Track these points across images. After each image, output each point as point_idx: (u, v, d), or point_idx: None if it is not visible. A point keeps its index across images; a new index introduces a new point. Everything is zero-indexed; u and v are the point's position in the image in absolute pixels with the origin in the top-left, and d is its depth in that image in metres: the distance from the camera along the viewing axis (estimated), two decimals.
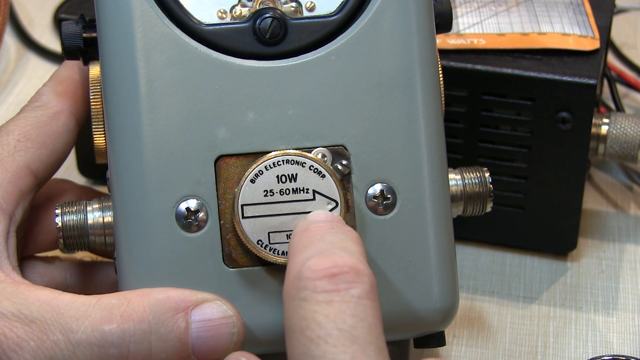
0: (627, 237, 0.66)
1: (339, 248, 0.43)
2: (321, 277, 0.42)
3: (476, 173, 0.52)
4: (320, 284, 0.42)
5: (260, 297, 0.48)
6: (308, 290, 0.42)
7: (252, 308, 0.48)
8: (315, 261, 0.42)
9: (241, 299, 0.47)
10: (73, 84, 0.54)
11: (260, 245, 0.47)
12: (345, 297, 0.42)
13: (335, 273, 0.42)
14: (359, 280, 0.42)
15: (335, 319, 0.41)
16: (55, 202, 0.54)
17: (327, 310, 0.41)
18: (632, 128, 0.63)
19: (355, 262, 0.43)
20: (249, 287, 0.48)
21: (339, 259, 0.42)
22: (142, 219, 0.47)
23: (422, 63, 0.49)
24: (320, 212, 0.46)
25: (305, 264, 0.43)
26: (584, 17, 0.64)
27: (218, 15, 0.49)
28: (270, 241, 0.47)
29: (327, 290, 0.42)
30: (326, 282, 0.42)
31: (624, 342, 0.59)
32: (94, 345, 0.45)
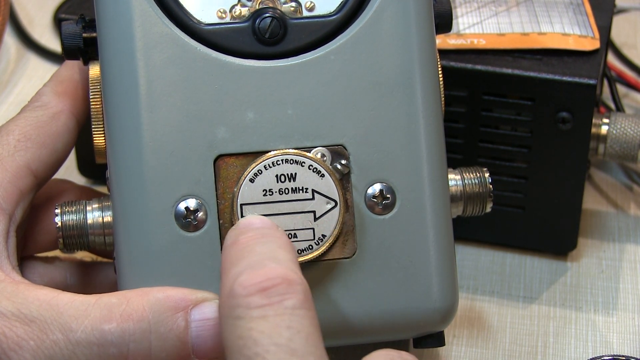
0: (627, 237, 0.66)
1: (268, 259, 0.43)
2: (253, 293, 0.41)
3: (476, 173, 0.52)
4: (253, 299, 0.41)
5: None
6: (241, 307, 0.41)
7: None
8: (246, 277, 0.42)
9: None
10: (73, 84, 0.54)
11: None
12: (278, 310, 0.41)
13: (267, 287, 0.41)
14: (292, 290, 0.42)
15: (271, 334, 0.40)
16: (55, 202, 0.55)
17: (262, 326, 0.41)
18: (632, 128, 0.63)
19: (286, 272, 0.42)
20: None
21: (269, 271, 0.42)
22: (141, 218, 0.47)
23: (422, 63, 0.49)
24: (250, 219, 0.46)
25: (236, 280, 0.42)
26: (584, 17, 0.64)
27: (218, 15, 0.49)
28: None
29: (260, 306, 0.41)
30: (259, 297, 0.41)
31: (624, 342, 0.59)
32: (94, 345, 0.45)
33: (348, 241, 0.48)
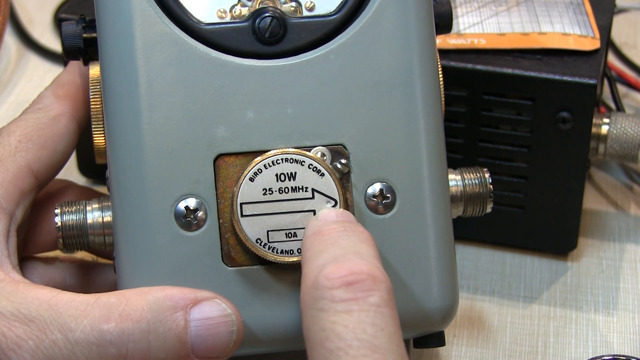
0: (627, 237, 0.66)
1: (353, 253, 0.43)
2: (338, 286, 0.41)
3: (476, 173, 0.52)
4: (338, 293, 0.41)
5: (260, 296, 0.48)
6: (326, 300, 0.41)
7: (251, 307, 0.48)
8: (331, 269, 0.42)
9: (240, 298, 0.47)
10: (74, 88, 0.54)
11: (259, 243, 0.47)
12: (363, 306, 0.41)
13: (352, 281, 0.41)
14: (377, 288, 0.42)
15: (355, 329, 0.40)
16: (55, 202, 0.55)
17: (346, 321, 0.41)
18: (632, 128, 0.63)
19: (372, 269, 0.42)
20: (248, 286, 0.48)
21: (354, 266, 0.42)
22: (141, 217, 0.47)
23: (422, 62, 0.49)
24: (332, 212, 0.46)
25: (321, 272, 0.42)
26: (584, 17, 0.64)
27: (218, 15, 0.49)
28: (269, 240, 0.47)
29: (345, 300, 0.41)
30: (343, 291, 0.41)
31: (624, 342, 0.59)
32: (93, 344, 0.45)
33: None
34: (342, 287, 0.41)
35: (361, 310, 0.41)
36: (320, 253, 0.43)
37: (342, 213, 0.46)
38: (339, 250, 0.43)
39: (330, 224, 0.45)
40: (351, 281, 0.41)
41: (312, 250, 0.44)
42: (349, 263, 0.42)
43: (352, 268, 0.42)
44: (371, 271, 0.42)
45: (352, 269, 0.42)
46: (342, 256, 0.43)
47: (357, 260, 0.42)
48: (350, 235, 0.44)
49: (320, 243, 0.44)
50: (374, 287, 0.42)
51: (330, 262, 0.42)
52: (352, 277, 0.41)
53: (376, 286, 0.42)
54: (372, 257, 0.43)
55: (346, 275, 0.42)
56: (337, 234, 0.44)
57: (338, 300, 0.41)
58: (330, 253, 0.43)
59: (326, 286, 0.42)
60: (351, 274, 0.42)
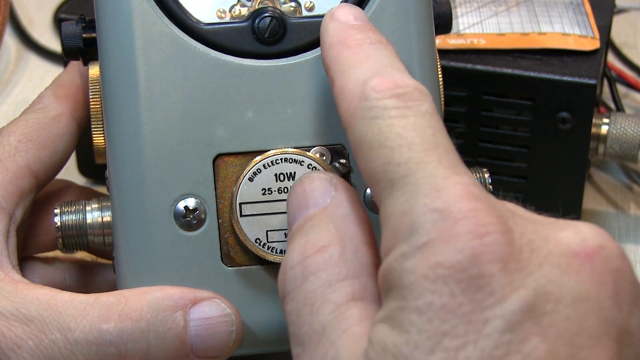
0: (627, 237, 0.66)
1: (392, 68, 0.42)
2: (389, 97, 0.40)
3: (476, 174, 0.52)
4: (390, 102, 0.40)
5: (259, 296, 0.48)
6: (378, 108, 0.40)
7: (251, 307, 0.48)
8: (377, 82, 0.41)
9: (239, 298, 0.47)
10: (74, 88, 0.54)
11: (259, 243, 0.47)
12: (417, 113, 0.40)
13: (401, 93, 0.41)
14: (425, 99, 0.41)
15: (415, 128, 0.40)
16: (54, 202, 0.54)
17: (403, 123, 0.40)
18: (632, 128, 0.63)
19: (416, 83, 0.41)
20: (248, 285, 0.48)
21: (399, 79, 0.41)
22: (140, 217, 0.47)
23: (421, 62, 0.49)
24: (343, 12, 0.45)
25: (366, 85, 0.41)
26: (584, 17, 0.64)
27: (217, 15, 0.49)
28: (268, 240, 0.47)
29: (398, 107, 0.40)
30: (395, 101, 0.40)
31: None
32: (92, 344, 0.45)
33: None
34: (392, 97, 0.41)
35: (415, 115, 0.40)
36: (355, 66, 0.42)
37: (359, 13, 0.45)
38: (376, 65, 0.42)
39: (352, 32, 0.44)
40: (400, 93, 0.41)
41: (344, 63, 0.43)
42: (394, 76, 0.41)
43: (397, 81, 0.41)
44: (416, 85, 0.41)
45: (398, 82, 0.41)
46: (383, 70, 0.42)
47: (400, 75, 0.42)
48: (381, 49, 0.43)
49: (351, 56, 0.43)
50: (422, 98, 0.41)
51: (373, 75, 0.41)
52: (401, 90, 0.41)
53: (424, 97, 0.41)
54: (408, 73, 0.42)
55: (394, 87, 0.41)
56: (368, 47, 0.43)
57: (391, 107, 0.40)
58: (368, 67, 0.42)
59: (376, 97, 0.41)
60: (398, 86, 0.41)
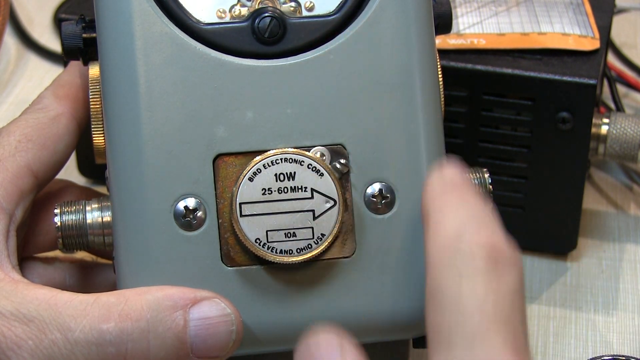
0: (627, 237, 0.66)
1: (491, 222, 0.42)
2: (481, 257, 0.40)
3: (476, 174, 0.52)
4: (481, 263, 0.40)
5: (259, 296, 0.48)
6: (467, 266, 0.40)
7: (251, 307, 0.48)
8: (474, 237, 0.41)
9: (240, 298, 0.47)
10: (74, 88, 0.54)
11: (259, 243, 0.47)
12: (503, 282, 0.40)
13: (495, 256, 0.40)
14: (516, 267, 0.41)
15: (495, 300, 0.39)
16: (54, 202, 0.55)
17: (486, 290, 0.40)
18: (632, 128, 0.63)
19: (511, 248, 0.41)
20: (247, 286, 0.48)
21: (497, 241, 0.41)
22: (140, 217, 0.47)
23: (422, 62, 0.49)
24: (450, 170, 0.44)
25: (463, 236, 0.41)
26: (584, 17, 0.64)
27: (217, 15, 0.49)
28: (268, 240, 0.47)
29: (487, 272, 0.40)
30: (486, 263, 0.40)
31: (624, 342, 0.59)
32: (92, 344, 0.45)
33: (347, 240, 0.48)
34: (484, 258, 0.40)
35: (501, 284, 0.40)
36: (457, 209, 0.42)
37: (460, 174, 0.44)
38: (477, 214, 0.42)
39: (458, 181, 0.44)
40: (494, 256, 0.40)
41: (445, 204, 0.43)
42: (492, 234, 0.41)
43: (495, 242, 0.41)
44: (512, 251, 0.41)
45: (496, 243, 0.41)
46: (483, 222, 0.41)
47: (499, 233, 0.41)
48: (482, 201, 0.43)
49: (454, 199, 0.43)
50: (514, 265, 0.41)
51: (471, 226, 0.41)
52: (496, 253, 0.41)
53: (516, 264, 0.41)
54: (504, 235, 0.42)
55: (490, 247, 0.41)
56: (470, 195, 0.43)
57: (480, 269, 0.40)
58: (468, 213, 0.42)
59: (469, 253, 0.40)
60: (494, 248, 0.41)
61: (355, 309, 0.48)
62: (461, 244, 0.41)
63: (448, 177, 0.44)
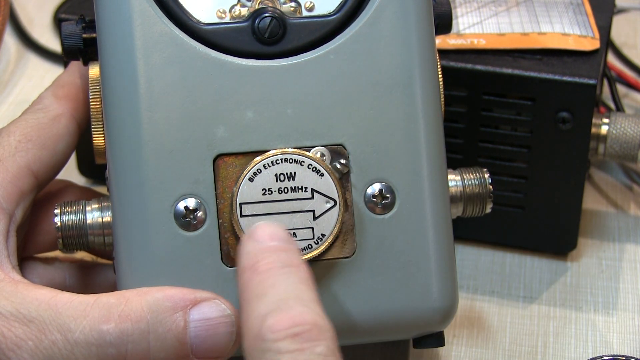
0: (627, 237, 0.66)
1: (295, 299, 0.42)
2: (284, 338, 0.40)
3: (476, 174, 0.52)
4: (284, 345, 0.40)
5: None
6: (272, 352, 0.40)
7: None
8: (275, 320, 0.41)
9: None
10: (74, 89, 0.54)
11: None
12: (310, 356, 0.40)
13: (298, 332, 0.40)
14: (322, 337, 0.41)
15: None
16: (54, 202, 0.55)
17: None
18: (632, 128, 0.63)
19: (316, 318, 0.41)
20: None
21: (298, 316, 0.41)
22: (140, 217, 0.47)
23: (422, 62, 0.49)
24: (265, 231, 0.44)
25: (264, 322, 0.41)
26: (584, 17, 0.64)
27: (217, 15, 0.49)
28: None
29: (291, 351, 0.40)
30: (289, 343, 0.40)
31: (624, 342, 0.59)
32: (92, 345, 0.45)
33: (347, 241, 0.48)
34: (287, 338, 0.40)
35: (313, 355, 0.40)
36: (260, 297, 0.42)
37: (277, 233, 0.44)
38: (280, 296, 0.42)
39: (266, 255, 0.43)
40: (297, 332, 0.40)
41: (251, 292, 0.42)
42: (293, 312, 0.41)
43: (296, 319, 0.41)
44: (315, 321, 0.41)
45: (297, 320, 0.41)
46: (284, 304, 0.41)
47: (300, 309, 0.41)
48: (289, 275, 0.43)
49: (258, 284, 0.43)
50: (319, 337, 0.41)
51: (272, 311, 0.41)
52: (297, 329, 0.41)
53: (322, 335, 0.41)
54: (313, 303, 0.42)
55: (291, 326, 0.41)
56: (276, 272, 0.43)
57: (284, 351, 0.40)
58: (271, 299, 0.42)
59: (271, 339, 0.41)
60: (295, 324, 0.41)
61: (356, 309, 0.48)
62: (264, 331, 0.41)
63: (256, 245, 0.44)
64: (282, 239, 0.44)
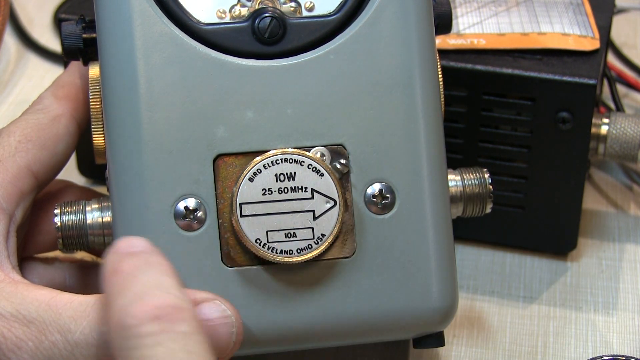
0: (627, 237, 0.66)
1: (155, 287, 0.42)
2: (145, 322, 0.41)
3: (476, 174, 0.52)
4: (146, 328, 0.41)
5: (259, 296, 0.48)
6: (135, 337, 0.41)
7: (251, 307, 0.48)
8: (136, 307, 0.41)
9: (240, 299, 0.47)
10: (74, 89, 0.54)
11: (259, 244, 0.47)
12: (172, 336, 0.40)
13: (159, 315, 0.41)
14: (184, 317, 0.41)
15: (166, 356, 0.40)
16: (54, 202, 0.55)
17: (156, 352, 0.40)
18: (632, 128, 0.63)
19: (176, 301, 0.41)
20: (248, 286, 0.48)
21: (158, 300, 0.41)
22: (140, 217, 0.47)
23: (422, 62, 0.49)
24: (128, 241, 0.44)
25: (126, 312, 0.41)
26: (584, 17, 0.64)
27: (217, 15, 0.49)
28: (268, 240, 0.47)
29: (153, 333, 0.40)
30: (151, 325, 0.41)
31: (624, 342, 0.59)
32: (92, 346, 0.45)
33: (347, 241, 0.48)
34: (149, 322, 0.41)
35: (170, 339, 0.40)
36: (121, 292, 0.42)
37: (137, 242, 0.44)
38: (140, 287, 0.42)
39: (126, 259, 0.43)
40: (158, 315, 0.41)
41: (114, 290, 0.43)
42: (153, 299, 0.41)
43: (156, 303, 0.41)
44: (176, 303, 0.41)
45: (157, 304, 0.41)
46: (145, 293, 0.42)
47: (161, 294, 0.42)
48: (150, 269, 0.43)
49: (120, 282, 0.43)
50: (181, 317, 0.41)
51: (133, 300, 0.41)
52: (158, 311, 0.41)
53: (183, 315, 0.41)
54: (174, 289, 0.42)
55: (152, 310, 0.41)
56: (137, 270, 0.43)
57: (147, 334, 0.40)
58: (132, 291, 0.42)
59: (133, 324, 0.41)
60: (156, 308, 0.41)
61: (356, 309, 0.48)
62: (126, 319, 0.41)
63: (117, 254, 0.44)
64: (142, 246, 0.44)
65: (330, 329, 0.48)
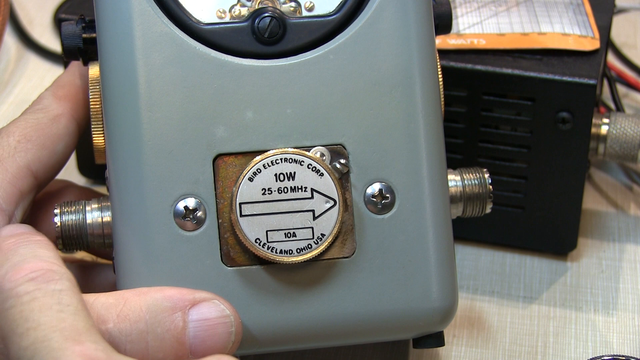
0: (627, 237, 0.66)
1: (32, 257, 0.45)
2: (22, 283, 0.43)
3: (476, 174, 0.52)
4: (22, 288, 0.43)
5: (259, 296, 0.48)
6: (12, 298, 0.43)
7: (250, 307, 0.48)
8: (12, 272, 0.44)
9: (239, 298, 0.47)
10: (74, 89, 0.54)
11: (259, 243, 0.47)
12: (47, 292, 0.43)
13: (34, 277, 0.43)
14: (57, 278, 0.44)
15: (41, 309, 0.42)
16: (54, 202, 0.54)
17: (32, 306, 0.42)
18: (632, 128, 0.63)
19: (50, 265, 0.44)
20: (247, 286, 0.48)
21: (33, 265, 0.44)
22: (140, 217, 0.47)
23: (421, 62, 0.49)
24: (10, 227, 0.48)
25: (4, 279, 0.44)
26: (584, 17, 0.64)
27: (217, 15, 0.49)
28: (268, 240, 0.47)
29: (29, 291, 0.43)
30: (26, 286, 0.43)
31: (624, 342, 0.59)
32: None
33: (347, 240, 0.48)
34: (24, 282, 0.43)
35: (45, 295, 0.43)
36: (1, 265, 0.45)
37: (17, 227, 0.48)
38: (17, 258, 0.45)
39: (8, 239, 0.46)
40: (33, 277, 0.43)
41: None
42: (28, 264, 0.44)
43: (32, 267, 0.44)
44: (50, 267, 0.44)
45: (32, 268, 0.44)
46: (21, 261, 0.44)
47: (36, 261, 0.44)
48: (28, 244, 0.46)
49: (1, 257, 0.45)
50: (54, 277, 0.44)
51: (10, 268, 0.44)
52: (33, 274, 0.44)
53: (56, 275, 0.44)
54: (51, 257, 0.45)
55: (27, 273, 0.44)
56: (16, 245, 0.46)
57: (23, 293, 0.43)
58: (11, 262, 0.45)
59: (9, 287, 0.43)
60: (31, 271, 0.44)
61: (355, 309, 0.48)
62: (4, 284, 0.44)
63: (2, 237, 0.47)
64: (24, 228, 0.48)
65: (330, 329, 0.48)
